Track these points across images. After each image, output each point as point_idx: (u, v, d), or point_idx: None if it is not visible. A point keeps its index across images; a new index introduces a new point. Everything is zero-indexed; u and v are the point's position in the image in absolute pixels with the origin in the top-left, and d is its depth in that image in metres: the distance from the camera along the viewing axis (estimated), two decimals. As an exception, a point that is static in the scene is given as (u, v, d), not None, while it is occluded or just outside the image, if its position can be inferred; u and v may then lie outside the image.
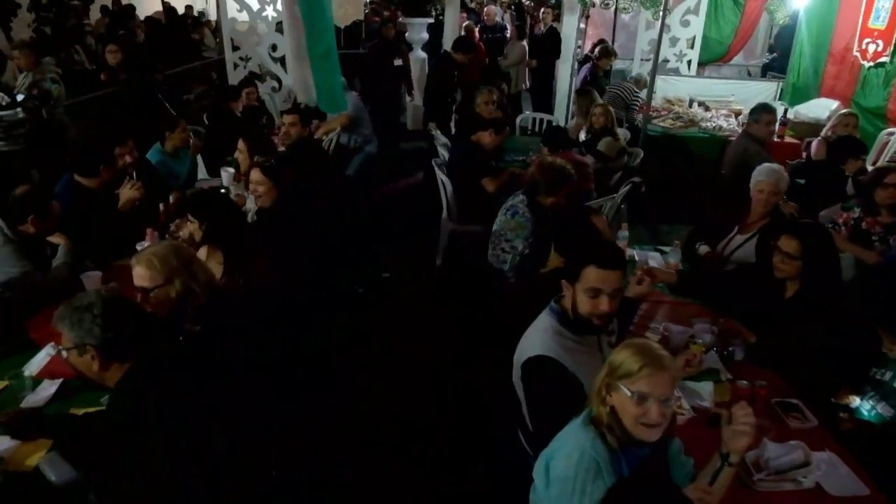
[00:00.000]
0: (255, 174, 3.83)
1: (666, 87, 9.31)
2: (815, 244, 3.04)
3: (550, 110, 10.02)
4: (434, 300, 5.32)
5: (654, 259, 3.88)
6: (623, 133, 6.55)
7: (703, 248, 4.14)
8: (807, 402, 2.63)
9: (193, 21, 13.54)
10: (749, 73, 11.65)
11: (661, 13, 6.80)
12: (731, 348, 2.86)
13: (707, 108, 8.48)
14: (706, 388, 2.66)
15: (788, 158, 6.77)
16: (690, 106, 8.62)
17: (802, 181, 5.47)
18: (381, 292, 5.32)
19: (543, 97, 10.12)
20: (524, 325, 2.58)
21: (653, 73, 6.73)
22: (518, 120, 8.35)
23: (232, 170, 4.54)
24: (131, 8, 12.93)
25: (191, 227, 3.28)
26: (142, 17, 14.48)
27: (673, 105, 8.53)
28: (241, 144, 4.42)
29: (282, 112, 7.28)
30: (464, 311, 4.73)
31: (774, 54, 11.33)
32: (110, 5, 13.18)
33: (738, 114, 8.30)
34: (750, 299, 3.18)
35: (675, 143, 7.46)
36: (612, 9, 8.74)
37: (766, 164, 4.13)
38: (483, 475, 3.29)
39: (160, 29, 12.20)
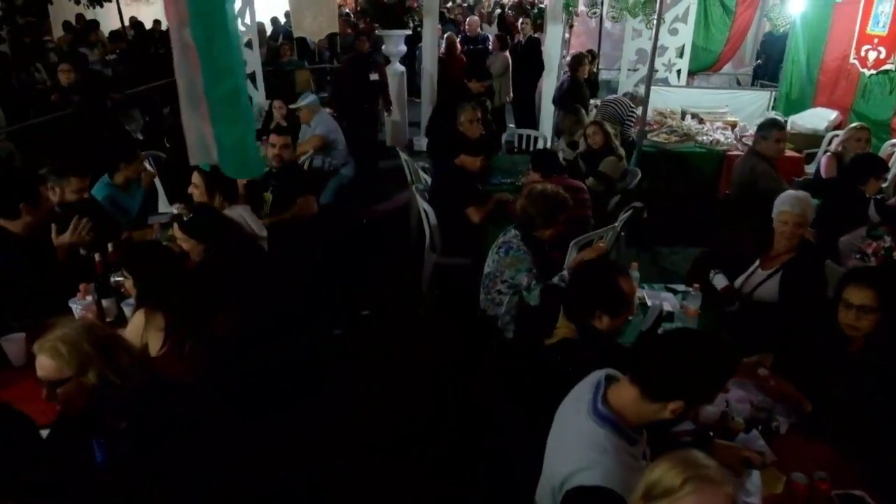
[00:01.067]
0: (175, 230, 3.30)
1: (655, 99, 8.86)
2: (893, 290, 2.53)
3: (534, 125, 9.59)
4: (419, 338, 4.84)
5: (668, 302, 3.40)
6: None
7: (720, 280, 3.69)
8: (875, 492, 2.15)
9: (162, 35, 12.93)
10: (738, 82, 11.32)
11: (654, 21, 6.35)
12: (775, 423, 2.37)
13: (701, 121, 8.08)
14: (751, 478, 2.17)
15: (793, 174, 6.39)
16: (683, 118, 8.22)
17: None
18: (361, 334, 4.81)
19: (526, 111, 9.68)
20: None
21: (647, 86, 6.30)
22: (503, 137, 7.90)
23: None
24: (94, 23, 12.36)
25: (127, 284, 2.77)
26: (107, 32, 14.06)
27: (665, 118, 8.12)
28: (195, 178, 3.83)
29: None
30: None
31: (759, 61, 11.02)
32: (73, 21, 12.59)
33: (733, 125, 7.92)
34: (805, 353, 2.66)
35: (672, 159, 7.05)
36: (598, 17, 8.33)
37: (790, 193, 3.70)
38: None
39: (129, 45, 11.61)
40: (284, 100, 6.81)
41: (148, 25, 13.52)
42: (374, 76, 8.08)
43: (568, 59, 9.42)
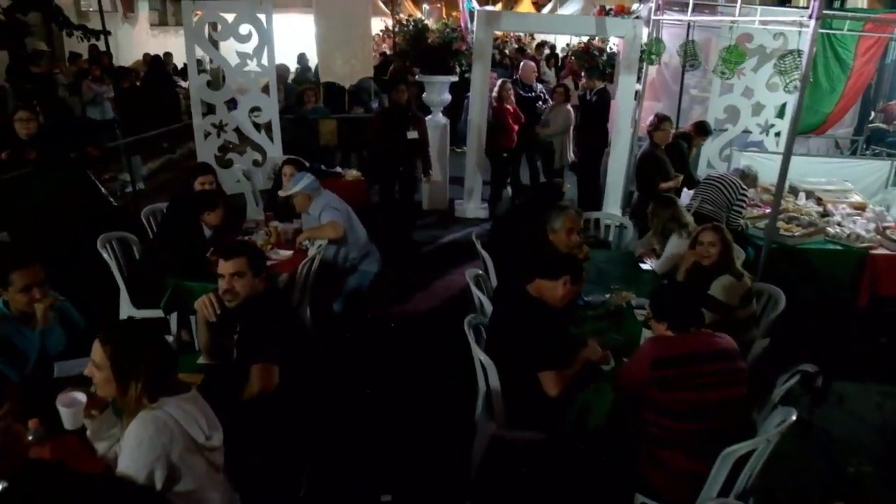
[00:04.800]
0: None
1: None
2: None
3: (598, 195, 8.00)
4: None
5: None
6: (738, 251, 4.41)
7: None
8: None
9: (169, 74, 11.69)
10: (837, 146, 9.58)
11: (795, 82, 4.74)
12: None
13: (819, 201, 6.42)
14: None
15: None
16: (796, 197, 6.55)
17: None
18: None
19: (590, 178, 8.08)
20: None
21: (784, 166, 4.66)
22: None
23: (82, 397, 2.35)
24: (105, 55, 11.15)
25: None
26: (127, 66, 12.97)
27: (774, 196, 6.44)
28: (97, 353, 2.17)
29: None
30: None
31: (874, 123, 9.26)
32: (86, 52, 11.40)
33: (860, 208, 6.24)
34: None
35: (795, 258, 5.37)
36: (695, 69, 6.77)
37: None
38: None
39: (134, 82, 10.37)
40: (297, 165, 5.32)
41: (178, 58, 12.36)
42: (412, 134, 6.59)
43: (640, 117, 7.86)
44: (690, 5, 6.38)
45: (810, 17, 4.13)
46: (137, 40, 14.84)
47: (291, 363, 2.81)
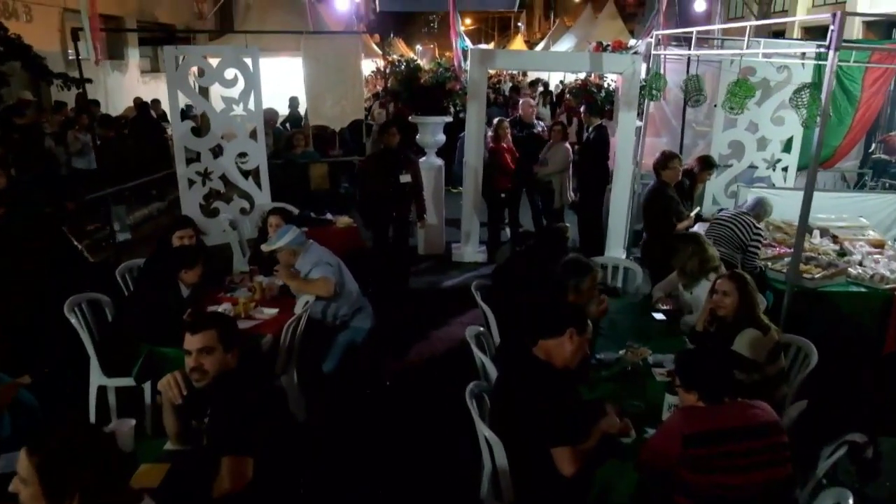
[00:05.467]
0: None
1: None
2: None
3: (601, 236, 7.68)
4: None
5: None
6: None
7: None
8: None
9: (156, 120, 11.44)
10: (844, 179, 9.33)
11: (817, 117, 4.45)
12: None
13: (835, 239, 6.10)
14: None
15: None
16: (810, 235, 6.23)
17: None
18: None
19: (592, 220, 7.76)
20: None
21: (807, 203, 4.33)
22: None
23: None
24: (93, 103, 10.94)
25: None
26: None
27: (788, 235, 6.15)
28: (22, 465, 1.78)
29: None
30: None
31: (875, 153, 9.00)
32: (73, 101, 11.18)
33: (879, 245, 5.93)
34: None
35: (816, 301, 5.02)
36: (700, 104, 6.50)
37: None
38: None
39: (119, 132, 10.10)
40: (283, 215, 5.00)
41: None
42: (405, 177, 6.30)
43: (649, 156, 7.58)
44: (693, 39, 6.15)
45: (828, 47, 3.85)
46: (128, 87, 14.67)
47: (269, 454, 2.44)
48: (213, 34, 14.78)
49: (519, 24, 37.85)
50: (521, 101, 8.93)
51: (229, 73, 6.59)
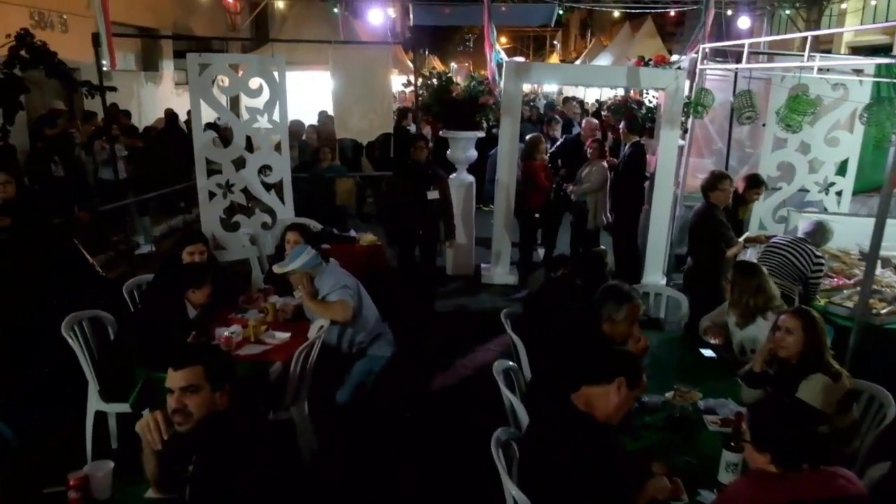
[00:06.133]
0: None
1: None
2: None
3: (637, 263, 7.25)
4: None
5: None
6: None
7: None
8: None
9: (183, 130, 11.30)
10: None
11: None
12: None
13: (897, 269, 5.60)
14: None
15: None
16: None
17: None
18: None
19: (627, 243, 7.33)
20: None
21: (879, 230, 3.89)
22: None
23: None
24: (124, 113, 10.89)
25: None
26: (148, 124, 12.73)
27: (848, 266, 5.67)
28: None
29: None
30: None
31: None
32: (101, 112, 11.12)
33: (947, 279, 5.41)
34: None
35: (881, 341, 4.53)
36: (752, 122, 6.07)
37: None
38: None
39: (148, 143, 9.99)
40: (302, 232, 4.70)
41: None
42: (433, 194, 5.97)
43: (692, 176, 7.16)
44: (745, 53, 5.74)
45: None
46: (162, 99, 14.67)
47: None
48: (247, 45, 14.75)
49: (555, 42, 37.56)
50: (584, 121, 8.53)
51: (254, 82, 6.36)
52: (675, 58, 7.71)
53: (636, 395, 2.58)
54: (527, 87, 15.23)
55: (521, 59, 7.42)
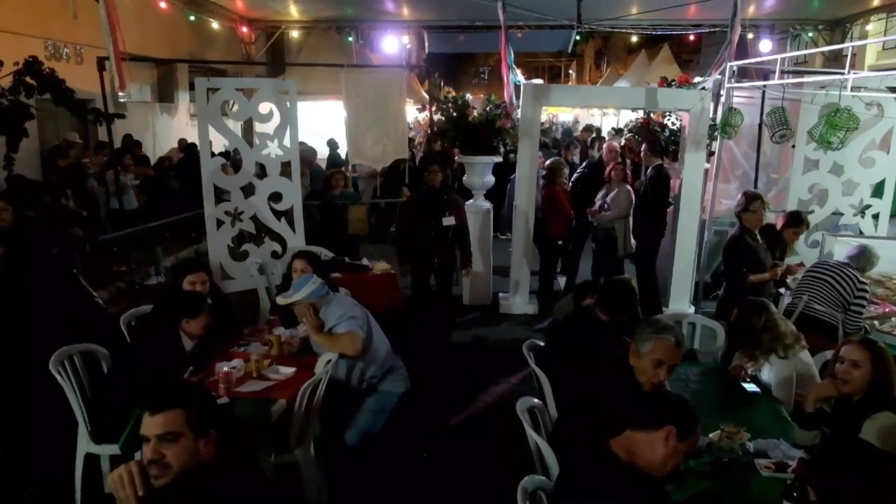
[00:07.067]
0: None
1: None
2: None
3: (656, 290, 6.90)
4: None
5: None
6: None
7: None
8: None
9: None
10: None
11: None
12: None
13: (948, 297, 5.22)
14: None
15: None
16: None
17: None
18: None
19: (649, 270, 6.98)
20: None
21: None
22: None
23: None
24: (135, 143, 10.80)
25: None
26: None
27: (890, 290, 5.31)
28: None
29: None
30: None
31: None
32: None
33: None
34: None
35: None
36: (786, 139, 5.78)
37: None
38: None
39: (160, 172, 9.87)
40: (310, 260, 4.43)
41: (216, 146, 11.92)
42: (448, 220, 5.70)
43: (709, 199, 6.82)
44: (777, 69, 5.46)
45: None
46: (176, 129, 14.65)
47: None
48: (261, 73, 14.73)
49: (570, 71, 37.59)
50: (605, 144, 8.26)
51: (264, 107, 6.17)
52: (697, 79, 7.45)
53: (687, 449, 2.24)
54: (543, 117, 15.08)
55: (539, 81, 7.14)
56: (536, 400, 3.19)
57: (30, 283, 4.24)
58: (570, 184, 7.69)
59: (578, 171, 8.05)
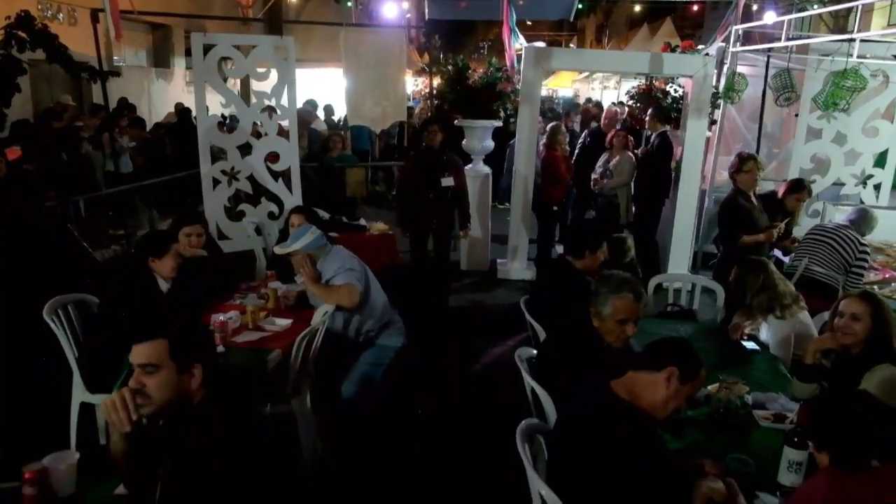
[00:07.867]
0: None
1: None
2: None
3: (656, 256, 6.87)
4: None
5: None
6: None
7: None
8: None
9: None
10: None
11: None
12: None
13: (947, 264, 5.21)
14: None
15: None
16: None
17: None
18: None
19: (649, 236, 6.93)
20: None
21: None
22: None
23: None
24: (130, 107, 10.66)
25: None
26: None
27: (890, 256, 5.28)
28: None
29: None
30: None
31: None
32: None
33: None
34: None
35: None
36: (791, 103, 5.70)
37: None
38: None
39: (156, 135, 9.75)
40: (307, 216, 4.38)
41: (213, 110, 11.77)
42: (447, 181, 5.65)
43: (709, 167, 6.77)
44: (784, 35, 5.37)
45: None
46: (172, 95, 14.48)
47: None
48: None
49: (571, 45, 37.23)
50: (606, 109, 8.18)
51: (262, 65, 6.07)
52: (701, 46, 7.35)
53: (689, 392, 2.21)
54: (544, 92, 14.91)
55: (541, 44, 7.01)
56: (535, 350, 3.17)
57: (26, 240, 4.18)
58: (576, 154, 7.62)
59: (580, 141, 7.97)
